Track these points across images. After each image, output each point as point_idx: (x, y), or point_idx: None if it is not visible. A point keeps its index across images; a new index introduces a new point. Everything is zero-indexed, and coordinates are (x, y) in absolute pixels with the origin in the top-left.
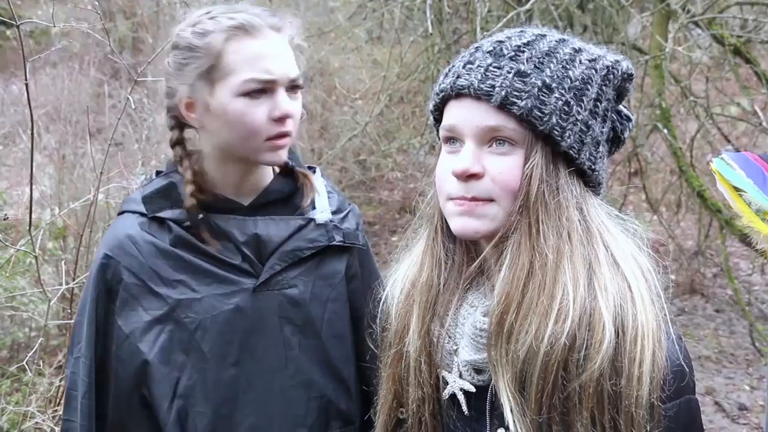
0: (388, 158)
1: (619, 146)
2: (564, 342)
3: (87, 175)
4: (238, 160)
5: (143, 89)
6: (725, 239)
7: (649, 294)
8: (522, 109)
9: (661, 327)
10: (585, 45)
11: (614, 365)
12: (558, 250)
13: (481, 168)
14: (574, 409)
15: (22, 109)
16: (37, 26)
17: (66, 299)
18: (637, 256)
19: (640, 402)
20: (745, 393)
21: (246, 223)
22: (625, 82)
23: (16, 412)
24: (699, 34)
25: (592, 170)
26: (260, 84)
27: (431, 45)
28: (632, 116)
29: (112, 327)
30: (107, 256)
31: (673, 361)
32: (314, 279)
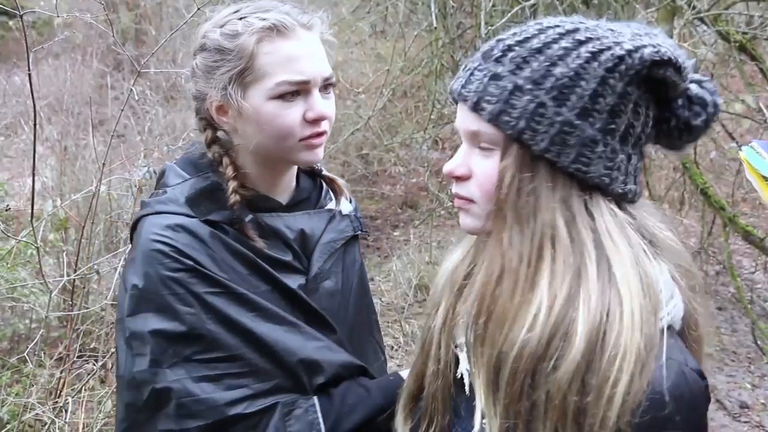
0: (390, 153)
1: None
2: (533, 350)
3: (89, 167)
4: (273, 161)
5: (146, 81)
6: (728, 237)
7: (644, 314)
8: (490, 113)
9: (653, 350)
10: (606, 33)
11: (584, 381)
12: (536, 255)
13: (468, 170)
14: (539, 418)
15: (24, 100)
16: (39, 17)
17: (67, 291)
18: (648, 272)
19: (606, 423)
20: (746, 391)
21: (290, 219)
22: (657, 69)
23: (17, 404)
24: (704, 31)
25: (583, 172)
26: (294, 86)
27: (435, 39)
28: (711, 99)
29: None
30: (175, 248)
31: (654, 388)
32: (341, 269)
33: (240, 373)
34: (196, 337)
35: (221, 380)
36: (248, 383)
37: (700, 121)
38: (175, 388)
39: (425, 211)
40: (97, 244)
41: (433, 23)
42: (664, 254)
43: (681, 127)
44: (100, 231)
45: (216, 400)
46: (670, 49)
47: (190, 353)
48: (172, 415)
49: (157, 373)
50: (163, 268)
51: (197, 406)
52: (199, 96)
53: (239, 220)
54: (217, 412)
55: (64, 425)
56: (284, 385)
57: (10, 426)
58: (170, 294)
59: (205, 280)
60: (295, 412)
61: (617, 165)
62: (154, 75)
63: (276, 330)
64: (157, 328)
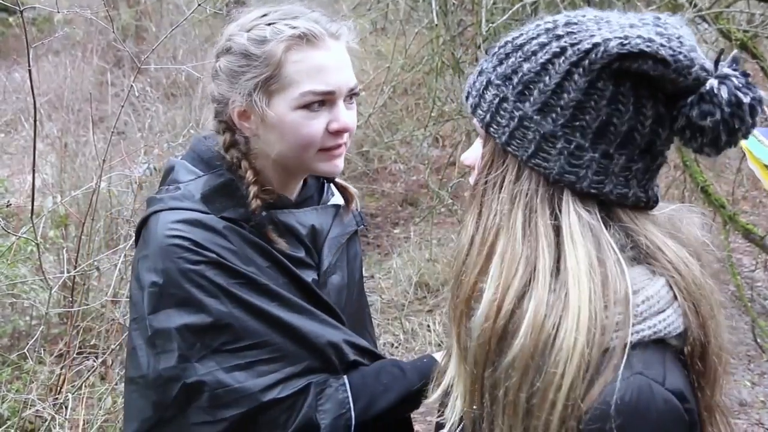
0: (391, 150)
1: (702, 137)
2: (487, 340)
3: (89, 164)
4: (292, 168)
5: (146, 78)
6: (728, 235)
7: (596, 319)
8: (471, 107)
9: (611, 360)
10: (595, 25)
11: (532, 382)
12: (489, 243)
13: (474, 159)
14: (496, 412)
15: (24, 96)
16: (40, 13)
17: (67, 288)
18: (611, 277)
19: (549, 427)
20: (746, 389)
21: (301, 216)
22: (628, 62)
23: (17, 400)
24: (705, 29)
25: (543, 168)
26: (320, 96)
27: (436, 36)
28: (729, 98)
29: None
30: (194, 241)
31: (604, 399)
32: (346, 263)
33: (271, 359)
34: (223, 327)
35: (253, 367)
36: (279, 368)
37: (712, 121)
38: (208, 381)
39: (425, 209)
40: (97, 241)
41: (433, 20)
42: (660, 265)
43: (690, 127)
44: (100, 228)
45: (249, 387)
46: (656, 40)
47: (218, 344)
48: (205, 407)
49: (187, 368)
50: (184, 262)
51: (231, 395)
52: (221, 99)
53: (256, 218)
54: (252, 399)
55: (65, 422)
56: (315, 366)
57: (10, 422)
58: (194, 286)
59: (226, 271)
60: (326, 391)
61: (586, 163)
62: (155, 72)
63: (299, 318)
64: (183, 323)
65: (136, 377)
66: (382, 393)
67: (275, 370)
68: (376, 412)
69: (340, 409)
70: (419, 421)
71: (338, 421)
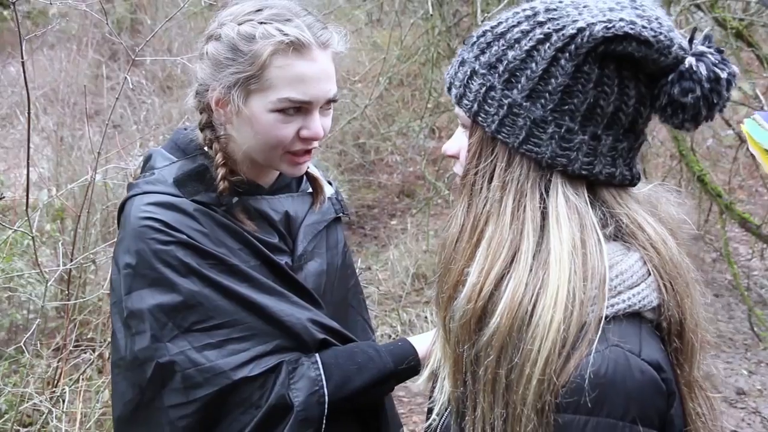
0: (387, 141)
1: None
2: (469, 322)
3: (85, 157)
4: (258, 161)
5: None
6: (725, 224)
7: (572, 296)
8: (455, 97)
9: (587, 335)
10: (574, 10)
11: (511, 357)
12: (479, 229)
13: (458, 149)
14: (478, 390)
15: (19, 90)
16: (34, 6)
17: (64, 281)
18: (590, 255)
19: (526, 401)
20: (743, 377)
21: (275, 202)
22: (614, 45)
23: (14, 394)
24: (701, 18)
25: (534, 153)
26: (297, 104)
27: (431, 27)
28: (708, 74)
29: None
30: (165, 222)
31: (579, 373)
32: (325, 250)
33: (242, 338)
34: (194, 306)
35: (224, 346)
36: (250, 346)
37: (693, 98)
38: (179, 360)
39: (422, 200)
40: (93, 234)
41: (429, 11)
42: (637, 242)
43: (671, 104)
44: (96, 221)
45: (221, 366)
46: (638, 22)
47: (189, 324)
48: (179, 389)
49: (159, 348)
50: (155, 242)
51: (203, 374)
52: (202, 82)
53: (226, 202)
54: (224, 377)
55: (62, 415)
56: (286, 345)
57: (7, 416)
58: (165, 266)
59: (197, 252)
60: (298, 370)
61: (576, 146)
62: (150, 65)
63: (269, 298)
64: (155, 303)
65: (117, 360)
66: (355, 372)
67: (246, 348)
68: (349, 391)
69: (313, 386)
70: (417, 412)
71: (311, 398)
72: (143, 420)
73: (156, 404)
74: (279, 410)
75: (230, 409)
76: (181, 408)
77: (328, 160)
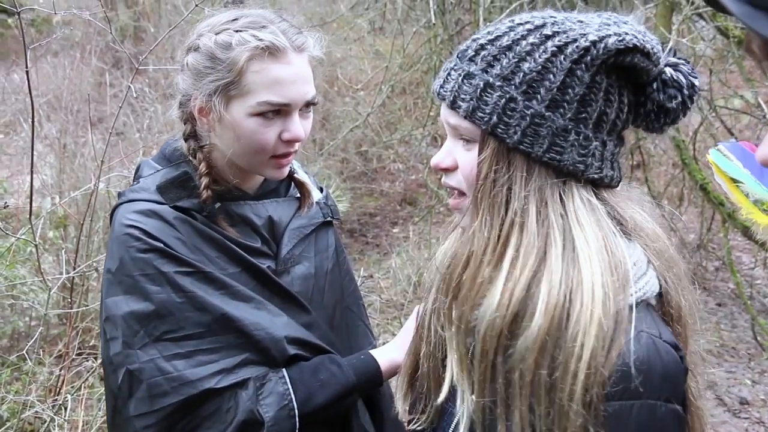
0: (389, 149)
1: (666, 118)
2: (499, 328)
3: (88, 164)
4: (243, 167)
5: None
6: (728, 232)
7: (607, 290)
8: (465, 111)
9: (621, 325)
10: (574, 25)
11: (552, 357)
12: (503, 241)
13: (453, 162)
14: (515, 394)
15: (23, 97)
16: (38, 14)
17: (66, 288)
18: (615, 251)
19: (574, 397)
20: (746, 387)
21: (258, 207)
22: (623, 57)
23: (16, 401)
24: (703, 26)
25: (557, 161)
26: (275, 107)
27: (434, 36)
28: (686, 81)
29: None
30: (144, 230)
31: (623, 360)
32: (314, 254)
33: (210, 349)
34: (165, 315)
35: (192, 357)
36: (219, 358)
37: (676, 103)
38: (147, 368)
39: (424, 208)
40: (96, 242)
41: (431, 20)
42: (638, 236)
43: (657, 110)
44: (99, 228)
45: (188, 376)
46: (638, 35)
47: (160, 333)
48: (145, 397)
49: (129, 354)
50: (135, 250)
51: (170, 383)
52: (185, 92)
53: (209, 208)
54: (190, 386)
55: (64, 423)
56: (254, 359)
57: (9, 424)
58: (141, 274)
59: (173, 260)
60: (267, 385)
61: (591, 152)
62: (153, 72)
63: (243, 307)
64: (129, 310)
65: (103, 365)
66: (318, 389)
67: (214, 360)
68: (314, 407)
69: (282, 401)
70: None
71: (282, 412)
72: (119, 426)
73: (124, 413)
74: (249, 426)
75: (198, 422)
76: (146, 417)
77: (330, 168)
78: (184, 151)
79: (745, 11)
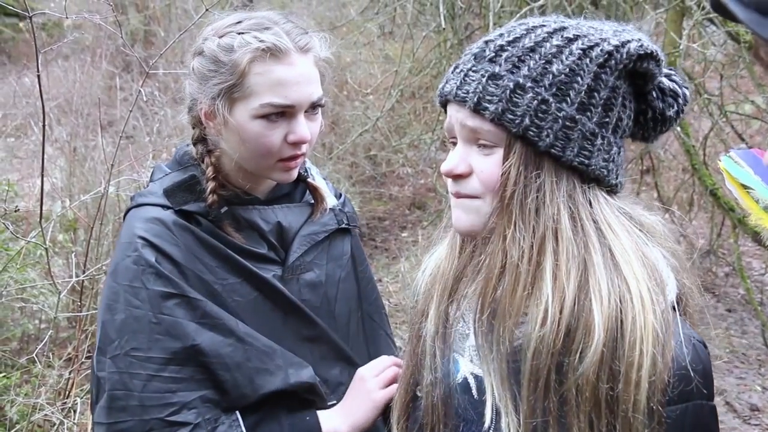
0: (399, 154)
1: (662, 126)
2: (551, 344)
3: (98, 168)
4: (250, 171)
5: (155, 82)
6: (738, 238)
7: (653, 296)
8: (493, 113)
9: (669, 328)
10: (590, 30)
11: (611, 369)
12: (538, 250)
13: (468, 167)
14: (571, 412)
15: (34, 101)
16: (50, 18)
17: (76, 292)
18: (648, 255)
19: (638, 407)
20: (756, 393)
21: (267, 212)
22: (641, 62)
23: (26, 404)
24: (714, 31)
25: (585, 165)
26: (279, 108)
27: (443, 40)
28: (681, 90)
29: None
30: (145, 239)
31: (679, 363)
32: (327, 261)
33: (170, 378)
34: (137, 332)
35: (150, 381)
36: (176, 389)
37: (673, 111)
38: (112, 380)
39: (433, 212)
40: (105, 245)
41: (441, 24)
42: (654, 238)
43: (657, 118)
44: (108, 232)
45: (143, 400)
46: (650, 42)
47: (130, 348)
48: (104, 407)
49: (101, 361)
50: (129, 260)
51: (128, 401)
52: (192, 96)
53: (215, 212)
54: (141, 411)
55: (73, 426)
56: (210, 397)
57: (19, 426)
58: (128, 285)
59: (161, 279)
60: (219, 429)
61: (612, 157)
62: (163, 76)
63: (218, 342)
64: (110, 317)
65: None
66: None
67: (171, 390)
68: None
69: None
70: None
71: None
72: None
73: (94, 418)
74: None
75: None
76: (100, 428)
77: (340, 172)
78: (194, 155)
79: (753, 18)
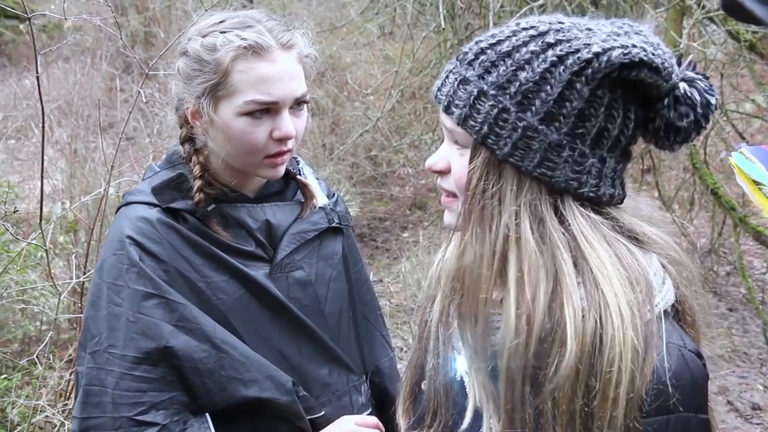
0: (399, 154)
1: (676, 137)
2: (523, 357)
3: (98, 169)
4: (238, 168)
5: (155, 83)
6: (739, 237)
7: (634, 309)
8: (458, 117)
9: (652, 341)
10: (579, 34)
11: (587, 385)
12: (498, 256)
13: (447, 165)
14: (547, 424)
15: (34, 103)
16: (50, 20)
17: (77, 293)
18: (633, 267)
19: (615, 423)
20: (758, 393)
21: (256, 210)
22: (629, 71)
23: (27, 406)
24: (714, 30)
25: (548, 177)
26: (263, 105)
27: (444, 40)
28: (701, 98)
29: (149, 310)
30: (131, 238)
31: (659, 377)
32: (317, 260)
33: (141, 377)
34: (114, 329)
35: (122, 379)
36: (147, 389)
37: (688, 122)
38: (88, 375)
39: (434, 212)
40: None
41: (441, 24)
42: (651, 246)
43: (666, 128)
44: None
45: (114, 397)
46: (647, 48)
47: (107, 345)
48: (80, 402)
49: (81, 356)
50: (115, 258)
51: (102, 396)
52: (179, 96)
53: (202, 210)
54: (111, 407)
55: None
56: (181, 399)
57: (20, 428)
58: (111, 283)
59: (143, 278)
60: (188, 431)
61: (587, 169)
62: (163, 77)
63: (193, 346)
64: (93, 313)
65: None
66: None
67: (141, 389)
68: None
69: None
70: None
71: None
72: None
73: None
74: None
75: None
76: (75, 423)
77: (340, 173)
78: (183, 153)
79: None
